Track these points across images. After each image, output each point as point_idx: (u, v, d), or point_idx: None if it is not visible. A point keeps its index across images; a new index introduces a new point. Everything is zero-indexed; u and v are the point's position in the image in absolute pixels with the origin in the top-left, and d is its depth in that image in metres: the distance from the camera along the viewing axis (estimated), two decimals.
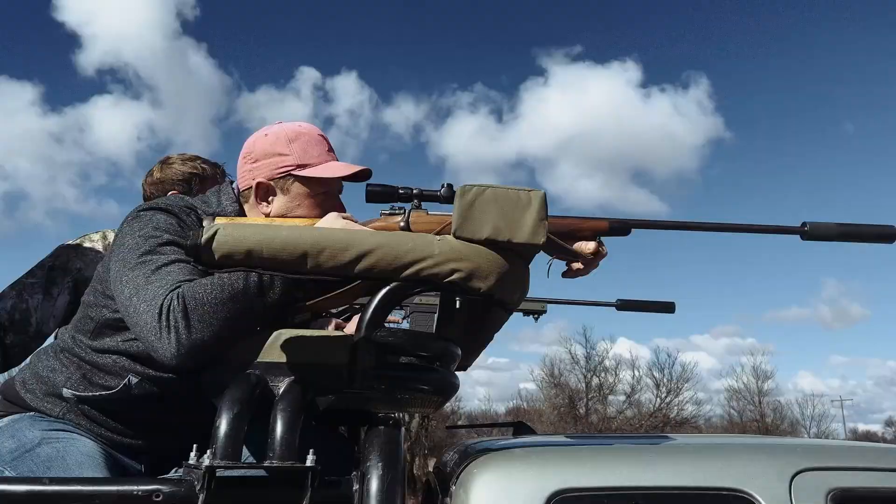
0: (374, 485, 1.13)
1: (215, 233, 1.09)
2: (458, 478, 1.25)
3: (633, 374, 27.24)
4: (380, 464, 1.16)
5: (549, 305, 2.30)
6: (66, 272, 1.88)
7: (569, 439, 1.45)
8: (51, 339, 1.92)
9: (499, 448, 1.34)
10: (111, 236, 2.01)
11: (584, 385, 28.02)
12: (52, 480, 1.05)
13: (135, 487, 1.04)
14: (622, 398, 27.48)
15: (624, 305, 2.28)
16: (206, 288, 1.21)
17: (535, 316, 2.33)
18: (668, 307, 2.26)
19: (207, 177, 2.13)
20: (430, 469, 1.80)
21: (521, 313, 2.34)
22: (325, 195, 1.48)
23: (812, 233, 1.36)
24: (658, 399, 26.54)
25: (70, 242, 1.96)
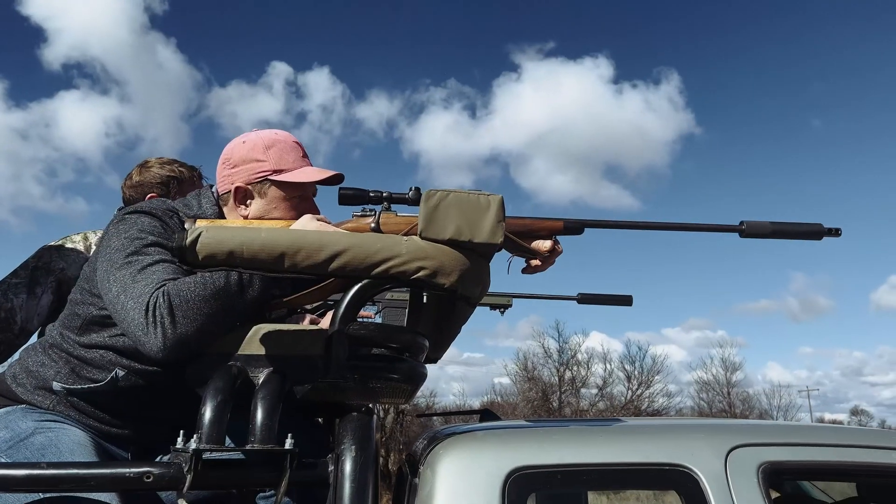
0: (347, 466, 1.24)
1: (199, 235, 1.18)
2: (425, 459, 1.36)
3: (605, 368, 27.59)
4: (353, 447, 1.26)
5: (515, 300, 2.42)
6: (49, 272, 1.95)
7: (527, 423, 1.57)
8: (34, 337, 1.99)
9: (463, 432, 1.45)
10: (92, 237, 2.07)
11: (556, 379, 28.33)
12: (50, 465, 1.14)
13: (127, 470, 1.13)
14: (594, 391, 27.82)
15: (584, 299, 2.40)
16: (190, 286, 1.29)
17: (502, 310, 2.44)
18: (626, 300, 2.39)
19: (185, 179, 2.20)
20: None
21: (488, 307, 2.45)
22: (299, 198, 1.57)
23: (748, 231, 1.49)
24: (629, 391, 26.92)
25: (52, 244, 2.03)
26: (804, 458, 1.36)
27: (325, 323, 1.97)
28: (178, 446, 1.15)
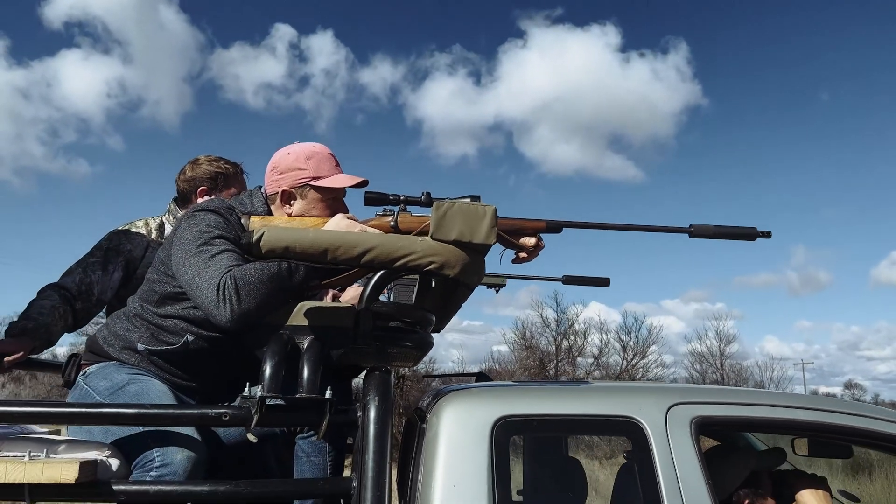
0: (372, 412, 1.61)
1: (262, 234, 1.54)
2: (431, 409, 1.74)
3: (602, 338, 28.14)
4: (376, 397, 1.63)
5: (508, 280, 2.78)
6: (119, 253, 2.32)
7: (511, 383, 1.94)
8: (102, 314, 2.38)
9: (461, 389, 1.82)
10: (152, 223, 2.44)
11: (554, 348, 28.90)
12: (152, 405, 1.52)
13: (210, 410, 1.51)
14: (591, 360, 28.41)
15: (568, 280, 2.76)
16: (252, 271, 1.65)
17: (496, 289, 2.81)
18: (604, 282, 2.75)
19: (230, 175, 2.56)
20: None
21: (485, 286, 2.82)
22: (333, 199, 1.93)
23: (696, 232, 1.85)
24: (624, 361, 27.51)
25: (120, 228, 2.39)
26: (727, 413, 1.73)
27: (344, 299, 2.34)
28: (245, 394, 1.52)
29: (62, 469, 1.39)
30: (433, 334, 2.10)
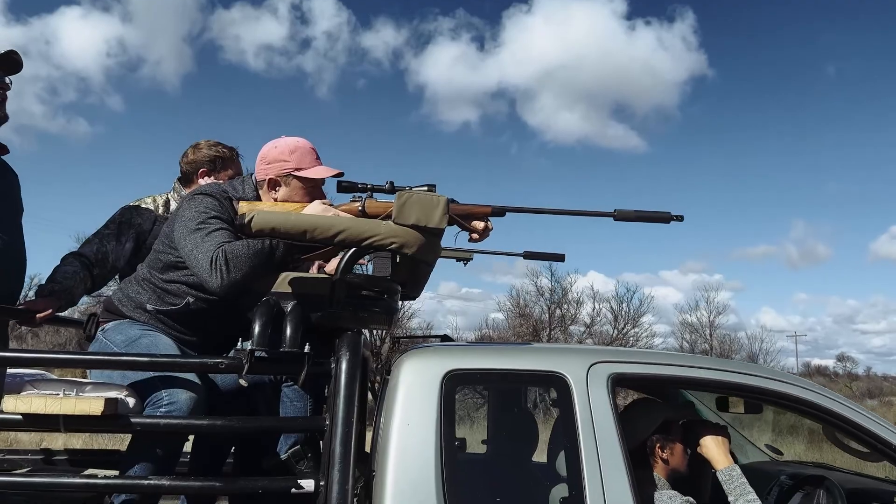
0: (343, 364, 1.95)
1: (253, 217, 1.87)
2: (393, 364, 2.08)
3: (594, 307, 28.61)
4: (347, 353, 1.97)
5: (475, 255, 3.11)
6: (130, 226, 2.65)
7: (464, 343, 2.29)
8: (116, 279, 2.72)
9: (421, 348, 2.17)
10: (160, 199, 2.78)
11: (547, 316, 29.40)
12: (162, 354, 1.86)
13: (208, 359, 1.86)
14: (583, 329, 28.94)
15: (528, 255, 3.09)
16: (239, 247, 1.99)
17: (465, 262, 3.15)
18: (559, 257, 3.09)
19: (227, 158, 2.89)
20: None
21: (454, 260, 3.15)
22: (312, 187, 2.26)
23: (619, 216, 2.17)
24: (615, 330, 28.03)
25: (131, 204, 2.73)
26: (639, 371, 2.08)
27: (328, 268, 2.68)
28: (238, 347, 1.87)
29: (90, 403, 1.74)
30: (410, 300, 2.45)
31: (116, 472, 1.96)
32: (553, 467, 2.17)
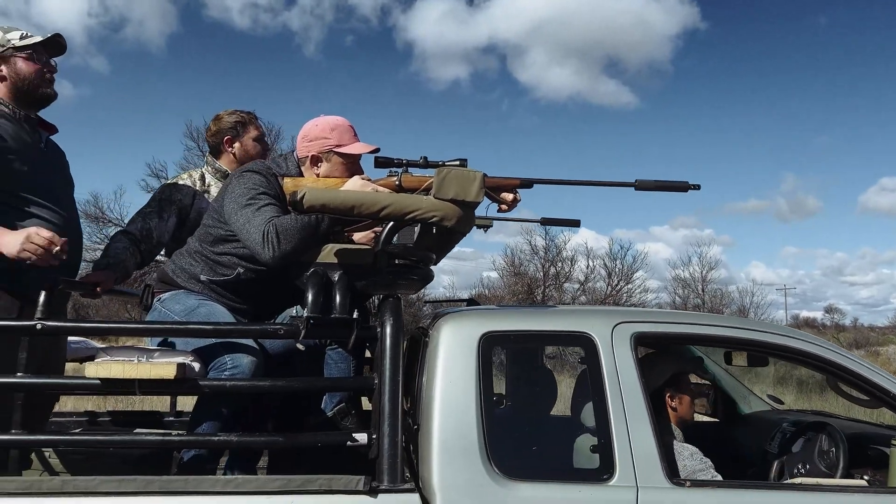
0: (388, 328, 2.11)
1: (304, 194, 2.01)
2: (432, 327, 2.25)
3: (588, 264, 28.91)
4: (391, 317, 2.13)
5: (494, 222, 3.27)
6: (171, 202, 2.79)
7: (496, 307, 2.45)
8: (161, 255, 2.88)
9: (456, 312, 2.33)
10: (195, 174, 2.92)
11: (542, 274, 29.70)
12: (225, 322, 2.02)
13: (268, 326, 2.02)
14: (577, 286, 29.28)
15: (545, 222, 3.25)
16: (288, 221, 2.13)
17: (485, 229, 3.31)
18: (575, 223, 3.25)
19: (246, 121, 3.04)
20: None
21: (475, 227, 3.30)
22: (352, 163, 2.40)
23: (639, 186, 2.31)
24: (609, 287, 28.40)
25: (169, 182, 2.88)
26: (659, 330, 2.26)
27: (357, 238, 2.82)
28: (294, 314, 2.02)
29: (164, 368, 1.90)
30: (434, 266, 2.61)
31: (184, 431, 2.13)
32: (578, 420, 2.36)
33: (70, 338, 2.36)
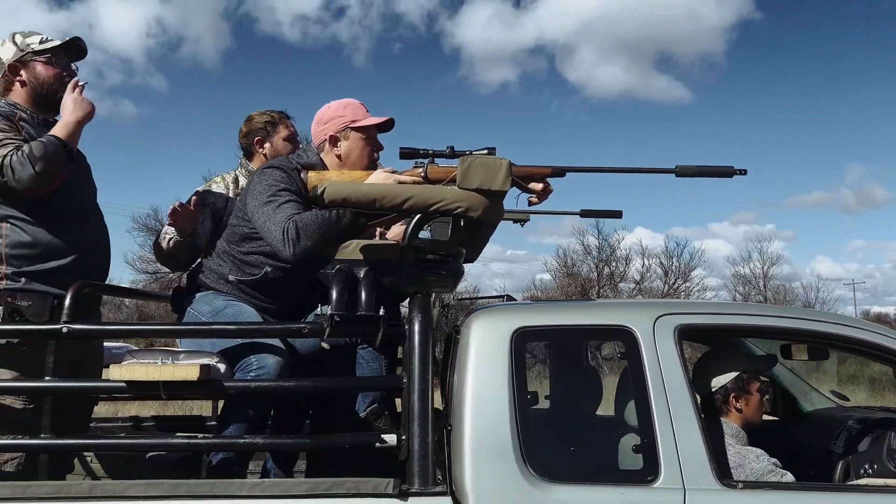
0: (416, 326, 2.03)
1: (325, 188, 1.95)
2: (463, 323, 2.16)
3: (644, 263, 28.33)
4: (419, 314, 2.05)
5: (532, 216, 3.16)
6: (205, 206, 2.80)
7: (530, 301, 2.35)
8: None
9: (488, 308, 2.24)
10: (228, 178, 2.94)
11: (595, 274, 29.24)
12: (249, 322, 1.98)
13: (292, 325, 1.97)
14: (633, 286, 28.72)
15: (585, 214, 3.12)
16: (309, 217, 2.08)
17: (521, 223, 3.20)
18: (617, 214, 3.11)
19: (276, 122, 3.03)
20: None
21: (511, 222, 3.20)
22: (370, 137, 2.39)
23: (680, 172, 2.18)
24: (666, 286, 27.73)
25: (201, 188, 2.90)
26: (705, 322, 2.12)
27: (390, 235, 2.76)
28: (318, 312, 1.97)
29: (187, 370, 1.87)
30: (469, 263, 2.52)
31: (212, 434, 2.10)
32: (622, 419, 2.24)
33: (112, 343, 2.37)
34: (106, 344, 2.43)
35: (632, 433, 2.09)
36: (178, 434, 2.17)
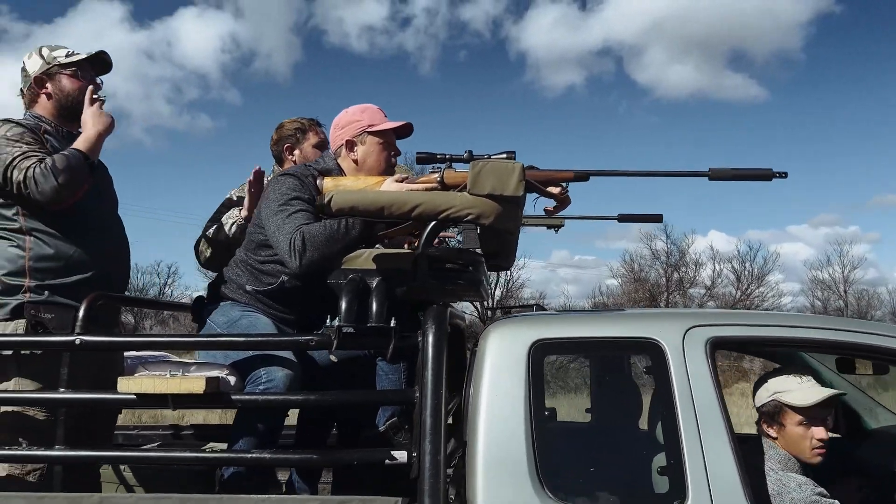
0: (430, 337, 1.96)
1: (332, 197, 1.91)
2: (482, 335, 2.07)
3: (714, 268, 27.41)
4: (433, 325, 1.98)
5: (566, 221, 3.03)
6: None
7: (552, 312, 2.24)
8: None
9: (508, 318, 2.15)
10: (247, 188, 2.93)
11: (664, 280, 28.47)
12: (260, 334, 1.95)
13: (302, 337, 1.93)
14: (703, 291, 27.82)
15: (623, 218, 2.97)
16: (317, 228, 2.04)
17: (556, 229, 3.07)
18: (657, 218, 2.95)
19: (305, 128, 3.04)
20: None
21: (545, 227, 3.08)
22: (387, 142, 2.36)
23: (714, 175, 2.03)
24: (738, 291, 26.73)
25: (235, 193, 2.93)
26: (739, 334, 1.96)
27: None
28: (328, 324, 1.92)
29: (194, 383, 1.84)
30: (504, 270, 2.42)
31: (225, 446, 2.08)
32: (648, 437, 2.10)
33: (133, 353, 2.39)
34: (134, 354, 2.45)
35: (658, 453, 1.95)
36: (195, 448, 2.16)
